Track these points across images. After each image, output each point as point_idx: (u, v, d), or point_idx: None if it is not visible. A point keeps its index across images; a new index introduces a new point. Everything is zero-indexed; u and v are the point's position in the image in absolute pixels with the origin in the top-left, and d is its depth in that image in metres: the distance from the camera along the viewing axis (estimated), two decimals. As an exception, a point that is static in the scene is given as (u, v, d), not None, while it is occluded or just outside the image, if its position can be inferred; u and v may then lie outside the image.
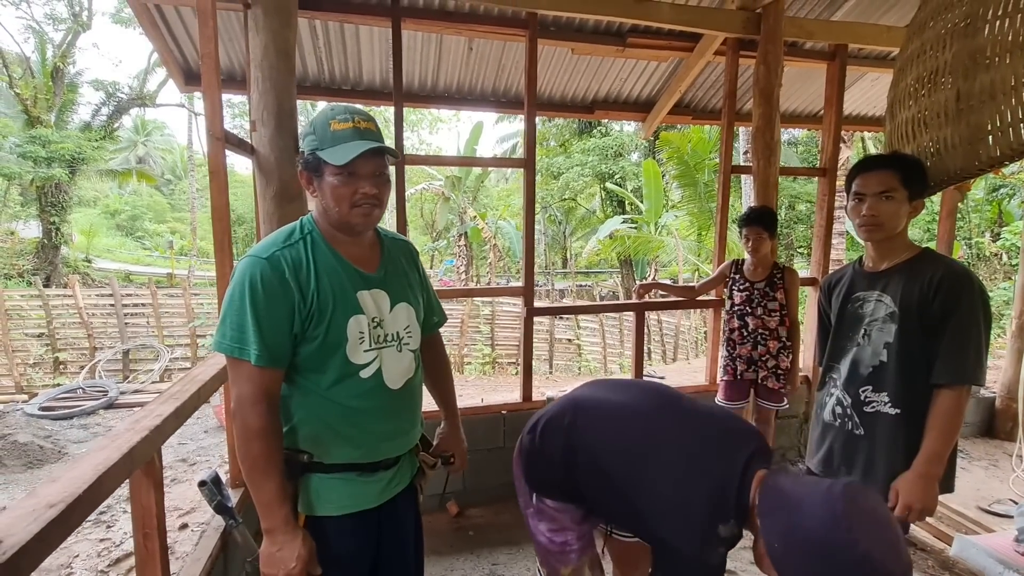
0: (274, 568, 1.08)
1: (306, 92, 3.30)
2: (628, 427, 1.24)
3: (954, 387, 1.43)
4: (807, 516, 0.92)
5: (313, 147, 1.09)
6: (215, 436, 4.22)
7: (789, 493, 0.98)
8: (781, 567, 0.94)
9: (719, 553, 1.08)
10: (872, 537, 0.87)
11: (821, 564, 0.88)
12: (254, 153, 2.14)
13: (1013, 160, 1.49)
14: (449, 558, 2.47)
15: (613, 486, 1.21)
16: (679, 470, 1.12)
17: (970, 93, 1.53)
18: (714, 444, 1.14)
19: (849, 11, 3.19)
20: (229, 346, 1.06)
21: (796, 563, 0.92)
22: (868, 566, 0.85)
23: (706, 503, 1.06)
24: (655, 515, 1.12)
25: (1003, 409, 3.77)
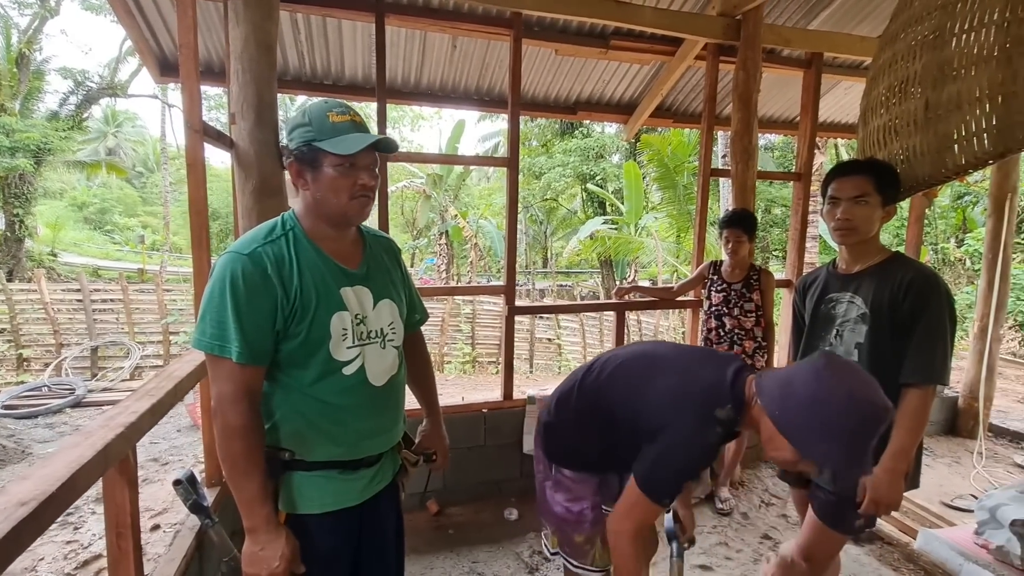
0: (257, 567, 1.07)
1: (286, 86, 3.25)
2: (632, 363, 1.38)
3: (921, 386, 1.48)
4: (797, 381, 1.08)
5: (308, 139, 1.08)
6: (188, 435, 4.12)
7: (779, 376, 1.14)
8: (787, 429, 1.08)
9: (716, 432, 1.17)
10: (851, 380, 1.05)
11: (817, 411, 1.04)
12: (233, 147, 2.10)
13: (978, 168, 1.55)
14: (428, 556, 2.46)
15: (620, 415, 1.33)
16: (675, 378, 1.26)
17: (938, 103, 1.60)
18: (705, 359, 1.31)
19: (825, 20, 3.28)
20: (209, 343, 1.04)
21: (798, 419, 1.06)
22: (853, 401, 1.02)
23: (702, 392, 1.21)
24: (658, 413, 1.23)
25: (965, 408, 3.92)
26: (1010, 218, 3.60)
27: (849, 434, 1.02)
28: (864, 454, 1.04)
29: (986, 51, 1.49)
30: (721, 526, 2.76)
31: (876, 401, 1.04)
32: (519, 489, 3.02)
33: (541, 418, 1.55)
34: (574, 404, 1.43)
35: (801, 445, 1.06)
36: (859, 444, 1.03)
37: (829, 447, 1.03)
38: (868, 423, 1.03)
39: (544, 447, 1.52)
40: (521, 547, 2.52)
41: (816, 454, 1.05)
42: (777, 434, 1.09)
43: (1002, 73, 1.46)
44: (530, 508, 2.88)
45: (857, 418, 1.02)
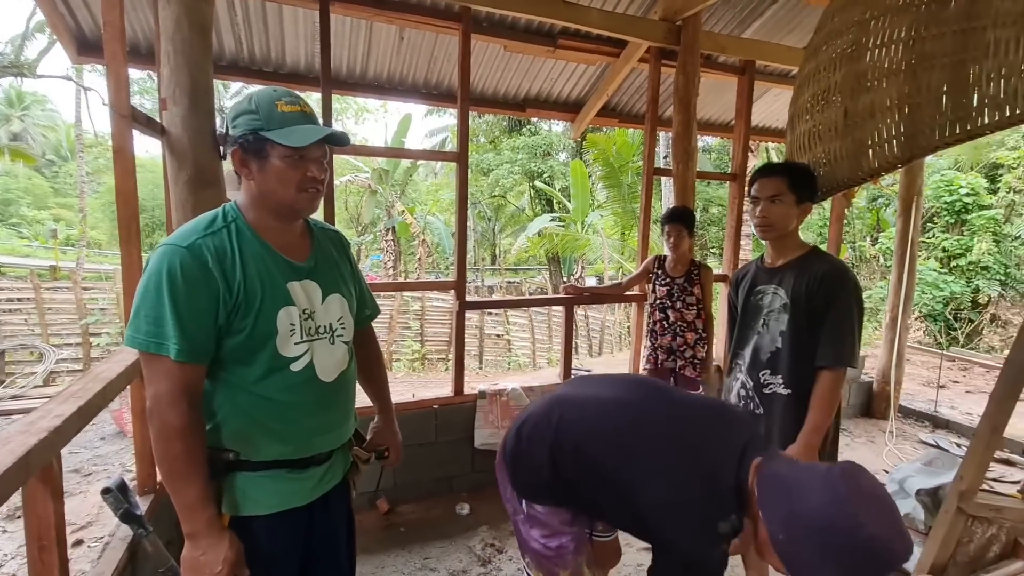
0: (198, 573, 1.02)
1: (222, 72, 3.09)
2: (616, 420, 1.22)
3: (832, 369, 1.63)
4: (809, 502, 0.91)
5: (255, 127, 1.04)
6: (113, 443, 3.83)
7: (788, 480, 0.98)
8: (787, 556, 0.94)
9: (721, 550, 1.07)
10: (876, 519, 0.88)
11: (827, 548, 0.88)
12: (164, 134, 1.98)
13: (889, 171, 1.71)
14: (379, 556, 2.43)
15: (604, 483, 1.19)
16: (672, 462, 1.10)
17: (855, 111, 1.74)
18: (707, 434, 1.14)
19: (758, 30, 3.48)
20: (144, 341, 0.98)
21: (802, 550, 0.91)
22: (874, 547, 0.86)
23: (705, 500, 1.05)
24: (653, 513, 1.10)
25: (879, 392, 4.30)
26: (916, 218, 3.97)
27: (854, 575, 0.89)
28: None
29: (895, 65, 1.64)
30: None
31: (898, 546, 0.88)
32: (471, 484, 3.03)
33: (507, 445, 1.38)
34: (548, 448, 1.25)
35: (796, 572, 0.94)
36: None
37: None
38: (881, 568, 0.88)
39: (512, 480, 1.36)
40: (473, 541, 2.54)
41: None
42: (771, 548, 0.97)
43: (908, 86, 1.61)
44: (482, 502, 2.90)
45: (871, 563, 0.87)
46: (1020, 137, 11.53)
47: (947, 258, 11.67)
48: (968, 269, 11.26)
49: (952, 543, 1.69)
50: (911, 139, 1.61)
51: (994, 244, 11.22)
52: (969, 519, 1.67)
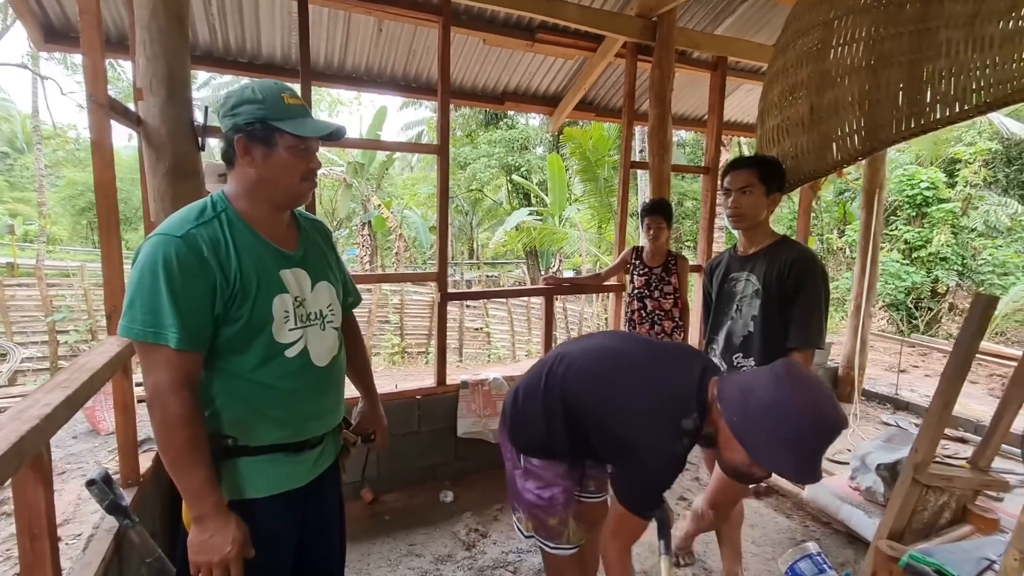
0: (208, 555, 1.04)
1: (197, 62, 3.03)
2: (597, 362, 1.40)
3: (801, 350, 1.74)
4: (757, 388, 1.11)
5: (262, 116, 1.06)
6: (86, 441, 3.73)
7: (740, 382, 1.18)
8: (743, 435, 1.11)
9: (683, 444, 1.23)
10: (810, 390, 1.08)
11: (774, 421, 1.06)
12: (141, 124, 1.95)
13: (851, 163, 1.81)
14: (365, 543, 2.46)
15: (589, 417, 1.35)
16: (644, 384, 1.29)
17: (820, 107, 1.83)
18: (671, 361, 1.34)
19: (729, 27, 3.58)
20: (142, 331, 0.99)
21: (755, 427, 1.09)
22: (811, 411, 1.05)
23: (669, 402, 1.24)
24: (626, 423, 1.26)
25: (844, 376, 4.50)
26: (878, 211, 4.15)
27: (803, 443, 1.05)
28: (816, 463, 1.07)
29: (857, 63, 1.74)
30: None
31: (832, 414, 1.06)
32: (454, 472, 3.08)
33: (506, 409, 1.56)
34: (541, 398, 1.43)
35: (755, 451, 1.09)
36: (812, 453, 1.06)
37: (783, 455, 1.06)
38: (823, 434, 1.06)
39: (511, 438, 1.53)
40: (457, 526, 2.59)
41: (769, 461, 1.09)
42: (733, 439, 1.12)
43: (869, 83, 1.71)
44: (465, 489, 2.95)
45: (813, 428, 1.04)
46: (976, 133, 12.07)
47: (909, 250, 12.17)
48: (928, 260, 11.77)
49: (908, 511, 1.81)
50: (871, 133, 1.71)
51: (952, 236, 11.75)
52: (923, 489, 1.79)
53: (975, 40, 1.54)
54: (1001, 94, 1.50)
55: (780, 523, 2.72)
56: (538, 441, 1.46)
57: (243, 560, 1.07)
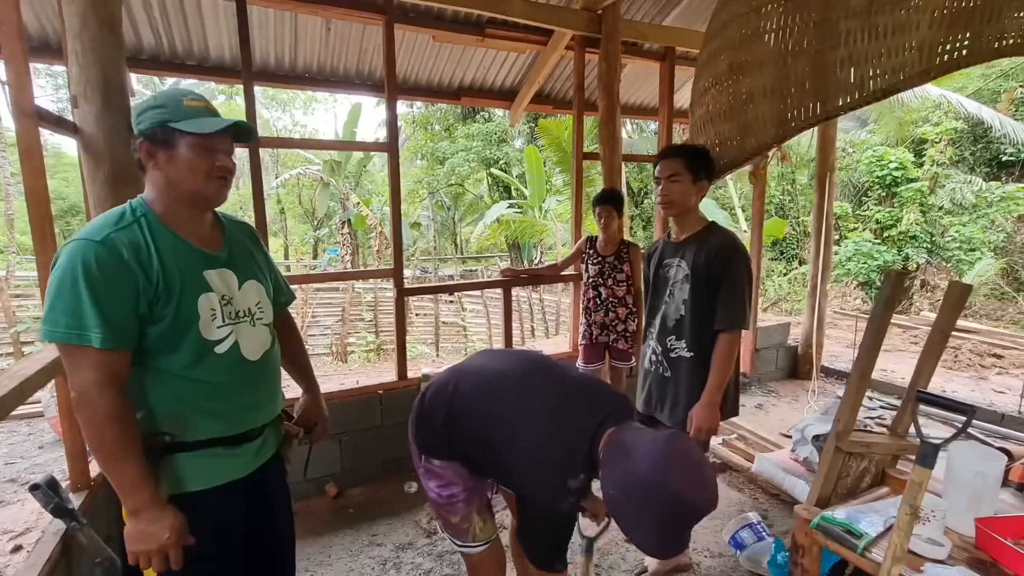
0: (145, 544, 1.08)
1: (142, 66, 3.02)
2: (502, 393, 1.37)
3: (728, 332, 1.82)
4: (636, 463, 1.08)
5: (162, 120, 1.09)
6: (52, 451, 3.74)
7: (626, 445, 1.14)
8: (614, 510, 1.12)
9: (570, 502, 1.26)
10: (683, 476, 1.06)
11: (642, 503, 1.06)
12: (78, 132, 1.96)
13: (768, 149, 1.90)
14: (327, 536, 2.52)
15: (488, 446, 1.34)
16: (542, 430, 1.25)
17: (738, 97, 1.91)
18: (575, 406, 1.29)
19: (677, 18, 3.65)
20: (65, 334, 1.02)
21: (625, 506, 1.09)
22: (678, 500, 1.04)
23: (558, 460, 1.22)
24: (519, 470, 1.28)
25: (803, 355, 4.64)
26: (830, 193, 4.27)
27: (670, 526, 1.07)
28: (677, 542, 1.11)
29: (769, 54, 1.82)
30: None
31: (698, 501, 1.06)
32: (419, 464, 3.14)
33: (415, 409, 1.53)
34: (443, 414, 1.41)
35: (624, 524, 1.11)
36: (674, 534, 1.09)
37: (647, 533, 1.09)
38: (685, 520, 1.08)
39: (415, 436, 1.52)
40: (420, 516, 2.66)
41: (634, 535, 1.12)
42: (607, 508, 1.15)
43: (780, 73, 1.79)
44: (430, 480, 3.01)
45: (675, 514, 1.06)
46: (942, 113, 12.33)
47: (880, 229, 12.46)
48: (899, 239, 12.06)
49: (833, 477, 1.91)
50: (783, 121, 1.79)
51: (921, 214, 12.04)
52: (846, 456, 1.90)
53: (871, 29, 1.63)
54: (895, 80, 1.58)
55: (732, 497, 2.83)
56: (440, 445, 1.45)
57: (183, 548, 1.11)
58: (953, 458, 1.64)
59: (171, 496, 1.15)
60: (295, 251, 22.49)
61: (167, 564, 1.11)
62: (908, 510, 1.39)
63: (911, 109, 12.85)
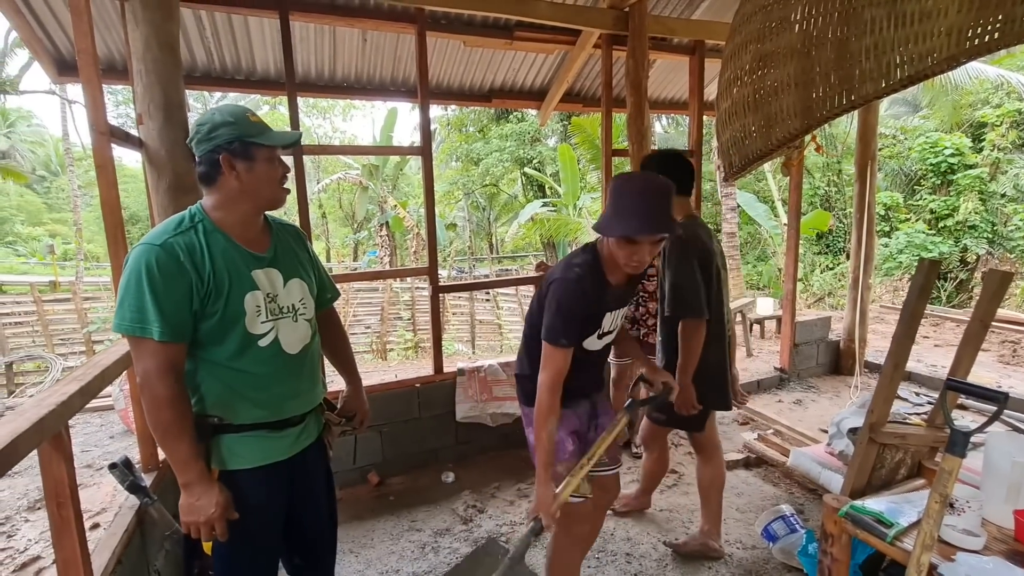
0: (195, 515, 1.22)
1: (196, 83, 3.25)
2: None
3: (687, 319, 2.02)
4: None
5: (238, 135, 1.23)
6: (121, 440, 4.06)
7: None
8: (599, 228, 1.53)
9: (576, 272, 1.55)
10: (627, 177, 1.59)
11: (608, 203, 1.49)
12: (143, 146, 2.16)
13: (793, 141, 1.89)
14: (370, 521, 2.66)
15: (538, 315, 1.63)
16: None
17: (763, 88, 1.92)
18: None
19: (705, 11, 3.63)
20: (130, 327, 1.16)
21: (601, 218, 1.52)
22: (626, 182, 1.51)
23: (563, 259, 1.67)
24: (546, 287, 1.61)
25: (845, 350, 4.50)
26: (871, 182, 4.14)
27: (621, 201, 1.45)
28: (633, 214, 1.43)
29: (793, 45, 1.82)
30: (636, 466, 3.11)
31: (643, 176, 1.53)
32: (456, 455, 3.26)
33: (515, 373, 1.82)
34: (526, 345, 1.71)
35: (603, 230, 1.47)
36: (630, 206, 1.44)
37: (614, 220, 1.45)
38: (628, 186, 1.49)
39: (521, 396, 1.77)
40: (457, 504, 2.76)
41: (610, 229, 1.45)
42: (605, 243, 1.52)
43: (804, 64, 1.79)
44: (466, 470, 3.12)
45: (623, 186, 1.48)
46: (1004, 95, 11.60)
47: (935, 219, 11.82)
48: (956, 229, 11.42)
49: (868, 469, 1.89)
50: (808, 112, 1.79)
51: (980, 203, 11.36)
52: (880, 447, 1.88)
53: (897, 16, 1.61)
54: (922, 67, 1.57)
55: (766, 491, 2.81)
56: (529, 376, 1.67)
57: (226, 521, 1.25)
58: (991, 448, 1.60)
59: (220, 474, 1.29)
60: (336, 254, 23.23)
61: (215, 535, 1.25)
62: (938, 498, 1.39)
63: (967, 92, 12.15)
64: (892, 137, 13.39)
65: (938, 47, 1.57)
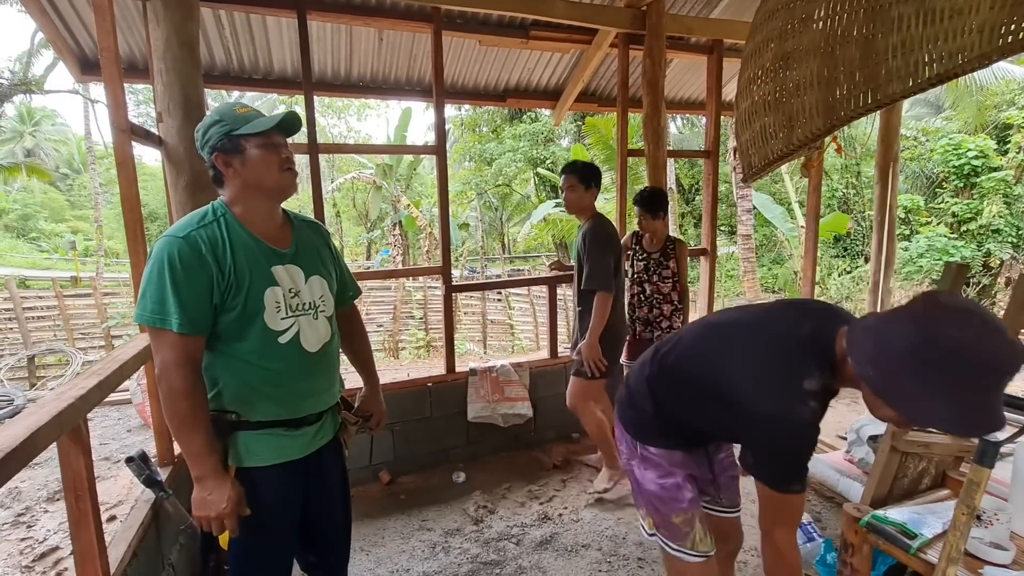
0: (207, 510, 1.22)
1: (215, 82, 3.29)
2: (701, 334, 1.32)
3: (596, 292, 2.60)
4: (892, 331, 0.92)
5: (226, 131, 1.23)
6: (139, 434, 4.13)
7: (872, 325, 0.99)
8: (884, 390, 0.93)
9: (810, 407, 1.07)
10: (956, 324, 0.85)
11: (915, 366, 0.86)
12: (162, 144, 2.18)
13: (815, 141, 1.85)
14: (381, 519, 2.66)
15: (702, 394, 1.25)
16: (757, 344, 1.16)
17: (784, 88, 1.88)
18: (785, 314, 1.20)
19: (724, 9, 3.58)
20: (151, 317, 1.17)
21: (894, 378, 0.90)
22: (962, 354, 0.83)
23: (784, 362, 1.09)
24: (742, 394, 1.12)
25: (864, 355, 4.40)
26: (893, 185, 4.04)
27: (957, 389, 0.85)
28: (983, 410, 0.86)
29: (816, 43, 1.78)
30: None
31: (988, 344, 0.84)
32: (467, 455, 3.25)
33: (620, 397, 1.51)
34: (646, 376, 1.38)
35: (903, 406, 0.92)
36: (972, 399, 0.85)
37: (934, 406, 0.87)
38: (979, 371, 0.84)
39: (623, 422, 1.47)
40: (467, 504, 2.76)
41: (922, 415, 0.91)
42: (874, 395, 0.97)
43: (827, 62, 1.75)
44: (477, 471, 3.12)
45: (966, 369, 0.84)
46: (1032, 95, 11.33)
47: (957, 223, 11.57)
48: (979, 233, 11.16)
49: (889, 477, 1.85)
50: (831, 111, 1.75)
51: (1005, 206, 11.10)
52: (903, 455, 1.83)
53: (926, 13, 1.57)
54: (951, 65, 1.52)
55: (782, 498, 2.76)
56: (655, 426, 1.38)
57: (238, 516, 1.25)
58: (1020, 459, 1.55)
59: (236, 471, 1.28)
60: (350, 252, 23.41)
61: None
62: (964, 510, 1.34)
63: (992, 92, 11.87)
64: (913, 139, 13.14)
65: (969, 45, 1.52)
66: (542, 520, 2.62)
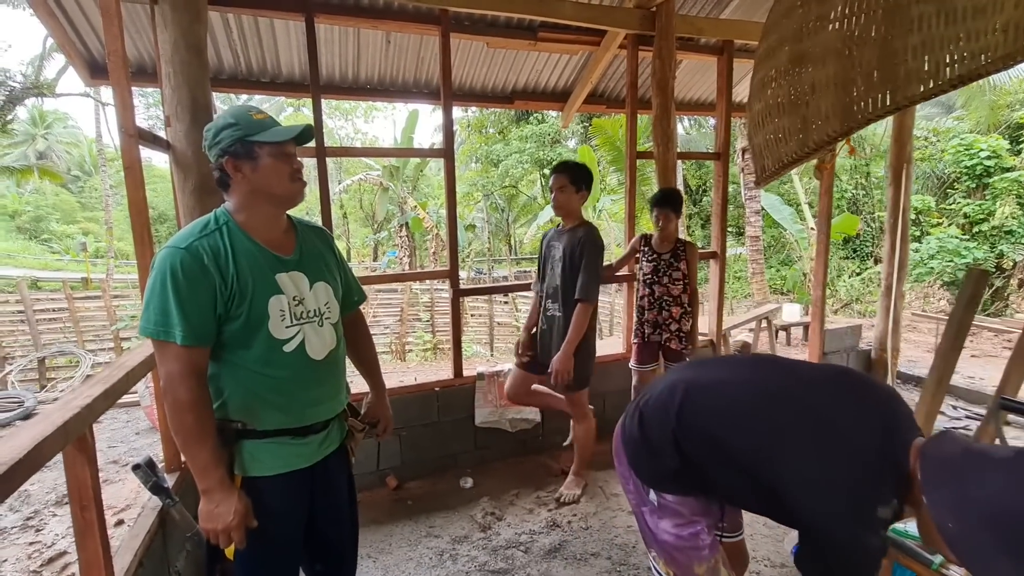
0: (213, 523, 1.20)
1: (223, 85, 3.29)
2: (750, 402, 1.16)
3: (583, 301, 2.50)
4: (986, 487, 0.82)
5: (240, 135, 1.21)
6: (147, 437, 4.13)
7: (957, 463, 0.89)
8: (958, 546, 0.85)
9: (880, 536, 0.96)
10: None
11: (1009, 539, 0.78)
12: (170, 148, 2.17)
13: (831, 144, 1.82)
14: (388, 526, 2.64)
15: (737, 465, 1.13)
16: (821, 444, 1.02)
17: (799, 90, 1.84)
18: (854, 413, 1.03)
19: (735, 10, 3.54)
20: (154, 330, 1.15)
21: (977, 540, 0.82)
22: None
23: (860, 483, 0.96)
24: (799, 496, 1.02)
25: (877, 359, 4.35)
26: (907, 186, 3.98)
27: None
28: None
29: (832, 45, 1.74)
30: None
31: None
32: (474, 460, 3.22)
33: (625, 431, 1.35)
34: (672, 429, 1.21)
35: (974, 569, 0.84)
36: None
37: (1009, 573, 0.79)
38: None
39: (636, 470, 1.31)
40: (475, 510, 2.73)
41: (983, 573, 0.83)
42: (946, 547, 0.87)
43: (844, 64, 1.71)
44: (484, 476, 3.09)
45: None
46: (1045, 94, 11.18)
47: (968, 224, 11.42)
48: (991, 234, 11.02)
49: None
50: (848, 113, 1.71)
51: (1018, 207, 10.94)
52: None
53: (948, 13, 1.53)
54: (974, 66, 1.48)
55: (795, 506, 2.71)
56: (669, 473, 1.24)
57: (245, 529, 1.23)
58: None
59: (242, 480, 1.27)
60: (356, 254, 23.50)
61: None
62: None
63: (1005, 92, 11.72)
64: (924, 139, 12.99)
65: (993, 45, 1.48)
66: (551, 527, 2.59)
